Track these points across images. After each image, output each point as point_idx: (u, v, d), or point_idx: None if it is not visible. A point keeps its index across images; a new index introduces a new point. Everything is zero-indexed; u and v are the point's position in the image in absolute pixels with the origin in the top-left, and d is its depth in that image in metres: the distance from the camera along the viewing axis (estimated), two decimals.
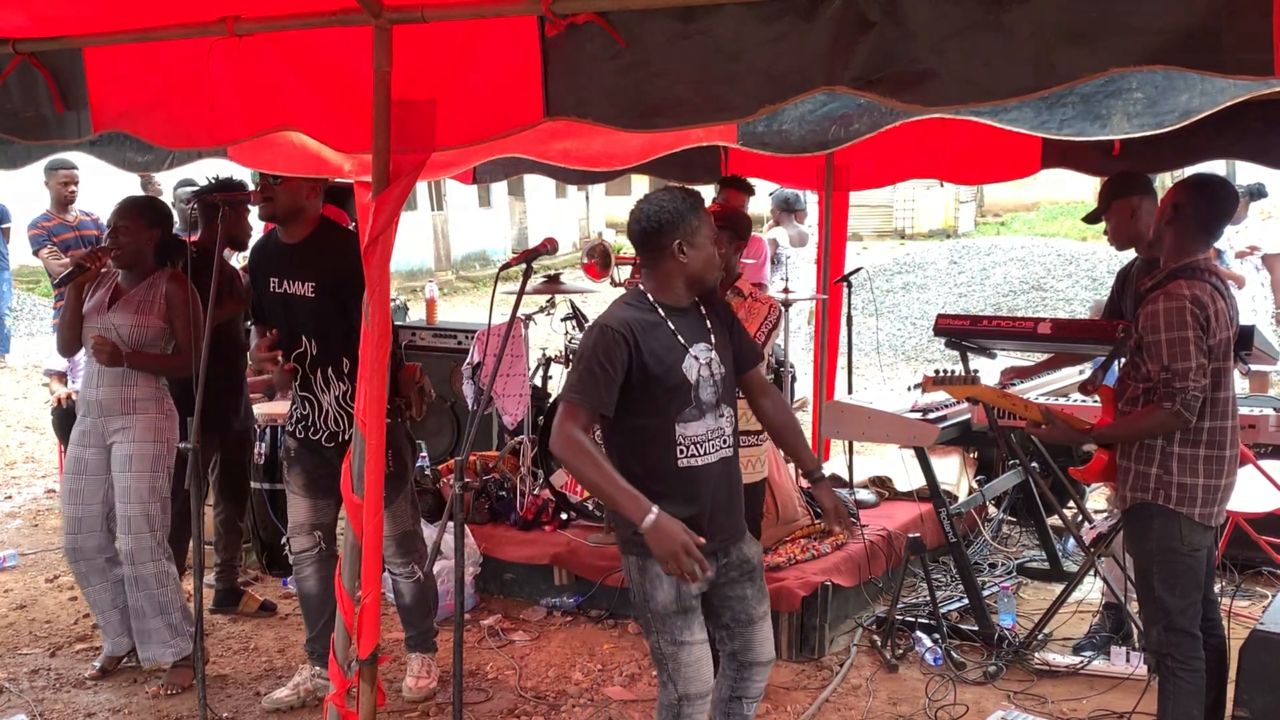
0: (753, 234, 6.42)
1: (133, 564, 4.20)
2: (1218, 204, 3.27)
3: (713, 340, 2.96)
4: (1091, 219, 4.47)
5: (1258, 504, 4.59)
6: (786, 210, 8.48)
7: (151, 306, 4.21)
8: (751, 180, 6.54)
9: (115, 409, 4.20)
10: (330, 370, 3.93)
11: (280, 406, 5.43)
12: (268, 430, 5.40)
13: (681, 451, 2.86)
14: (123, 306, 4.20)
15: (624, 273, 4.49)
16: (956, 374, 4.00)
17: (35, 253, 6.89)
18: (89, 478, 4.26)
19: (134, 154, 4.21)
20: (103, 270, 4.29)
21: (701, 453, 2.89)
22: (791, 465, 5.66)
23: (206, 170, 4.68)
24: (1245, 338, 3.40)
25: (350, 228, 4.58)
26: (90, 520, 4.27)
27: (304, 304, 3.91)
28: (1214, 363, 3.13)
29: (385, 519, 3.97)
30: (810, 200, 8.95)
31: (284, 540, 4.20)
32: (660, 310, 2.90)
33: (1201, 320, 3.08)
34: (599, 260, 4.34)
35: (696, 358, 2.89)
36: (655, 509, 2.71)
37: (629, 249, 4.84)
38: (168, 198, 11.91)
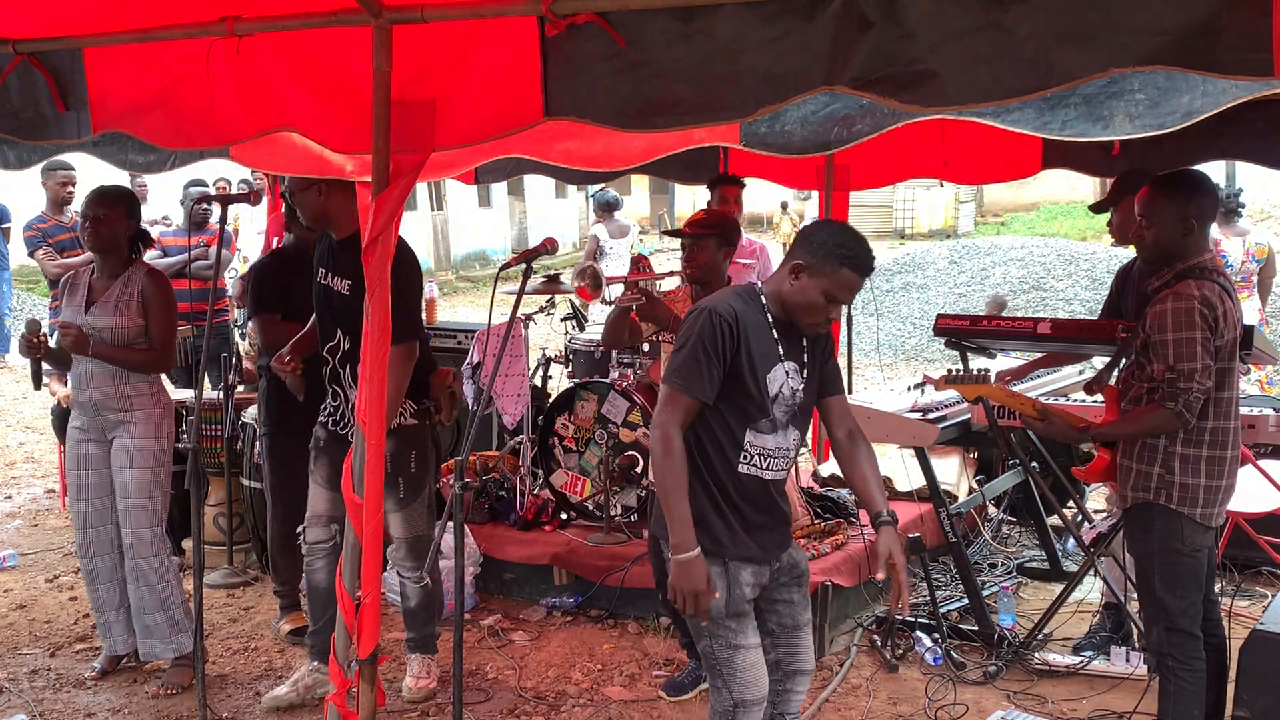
0: (749, 237, 6.44)
1: (134, 558, 4.21)
2: (1216, 199, 3.28)
3: (804, 363, 2.89)
4: (1098, 208, 4.47)
5: (1258, 504, 4.59)
6: (606, 209, 9.91)
7: (129, 306, 4.17)
8: (753, 180, 6.53)
9: (112, 406, 4.18)
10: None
11: None
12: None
13: (745, 458, 2.81)
14: (101, 307, 4.16)
15: (615, 291, 4.48)
16: (968, 373, 4.00)
17: (31, 254, 6.89)
18: (94, 471, 4.26)
19: (136, 154, 4.21)
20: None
21: (764, 465, 2.84)
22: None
23: (210, 170, 4.70)
24: (1245, 337, 3.40)
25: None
26: (101, 514, 4.28)
27: (341, 299, 3.97)
28: (1219, 363, 3.13)
29: (399, 521, 4.04)
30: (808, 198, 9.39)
31: (299, 530, 4.21)
32: (769, 315, 2.83)
33: (1210, 321, 3.08)
34: (589, 282, 4.32)
35: (786, 372, 2.83)
36: (698, 550, 2.70)
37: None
38: (163, 198, 11.95)
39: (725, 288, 2.93)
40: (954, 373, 3.94)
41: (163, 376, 4.38)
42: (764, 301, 2.85)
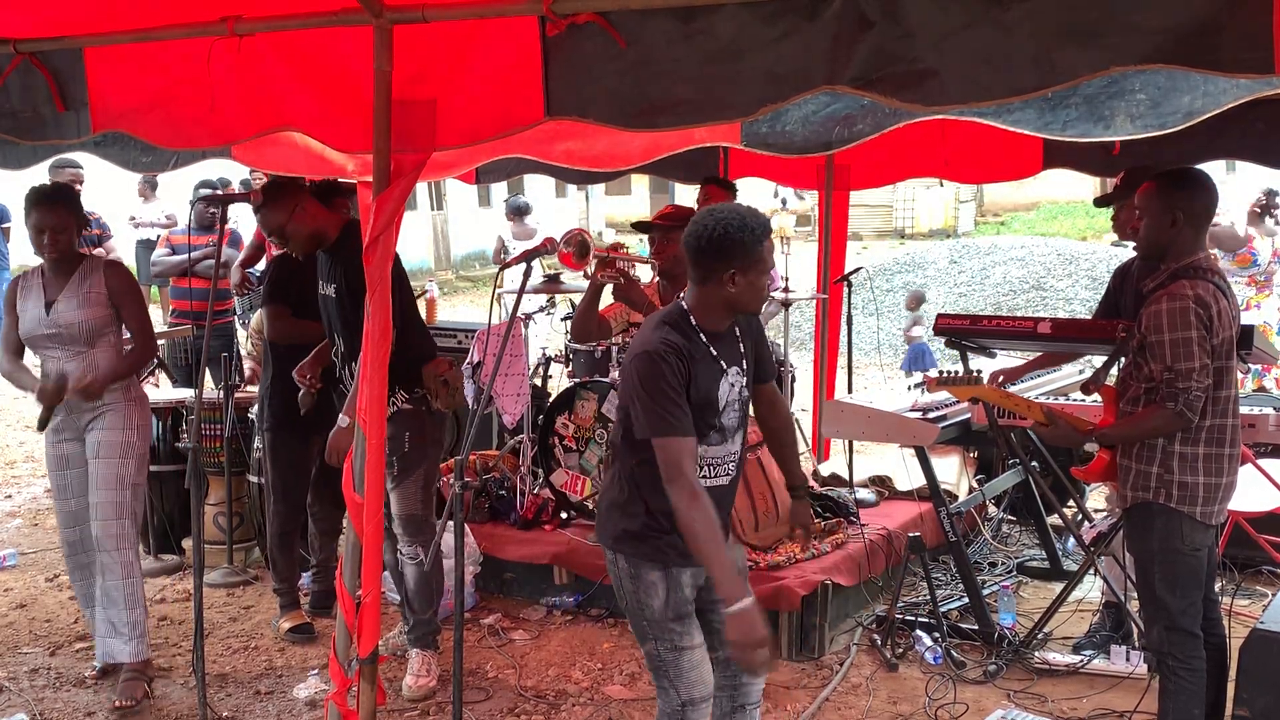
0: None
1: (99, 550, 4.13)
2: (1211, 198, 3.27)
3: (743, 364, 2.90)
4: (1102, 202, 4.47)
5: (1258, 503, 4.59)
6: (516, 214, 10.93)
7: (92, 297, 4.08)
8: (752, 180, 6.55)
9: (85, 405, 4.12)
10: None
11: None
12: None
13: (698, 471, 2.80)
14: (65, 303, 4.07)
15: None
16: (960, 374, 4.00)
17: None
18: (73, 471, 4.22)
19: (139, 154, 4.22)
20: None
21: (713, 475, 2.86)
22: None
23: (212, 170, 4.72)
24: (1245, 337, 3.40)
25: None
26: (84, 512, 4.21)
27: (331, 303, 4.13)
28: (1216, 361, 3.13)
29: (394, 498, 4.15)
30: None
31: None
32: (702, 335, 2.79)
33: (1205, 320, 3.08)
34: (575, 250, 4.29)
35: (731, 383, 2.84)
36: (750, 598, 2.60)
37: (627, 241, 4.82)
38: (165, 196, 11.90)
39: (648, 320, 2.88)
40: (946, 374, 3.94)
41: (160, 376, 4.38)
42: (693, 322, 2.79)
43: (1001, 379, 4.63)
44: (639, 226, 4.83)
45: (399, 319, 3.94)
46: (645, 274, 5.20)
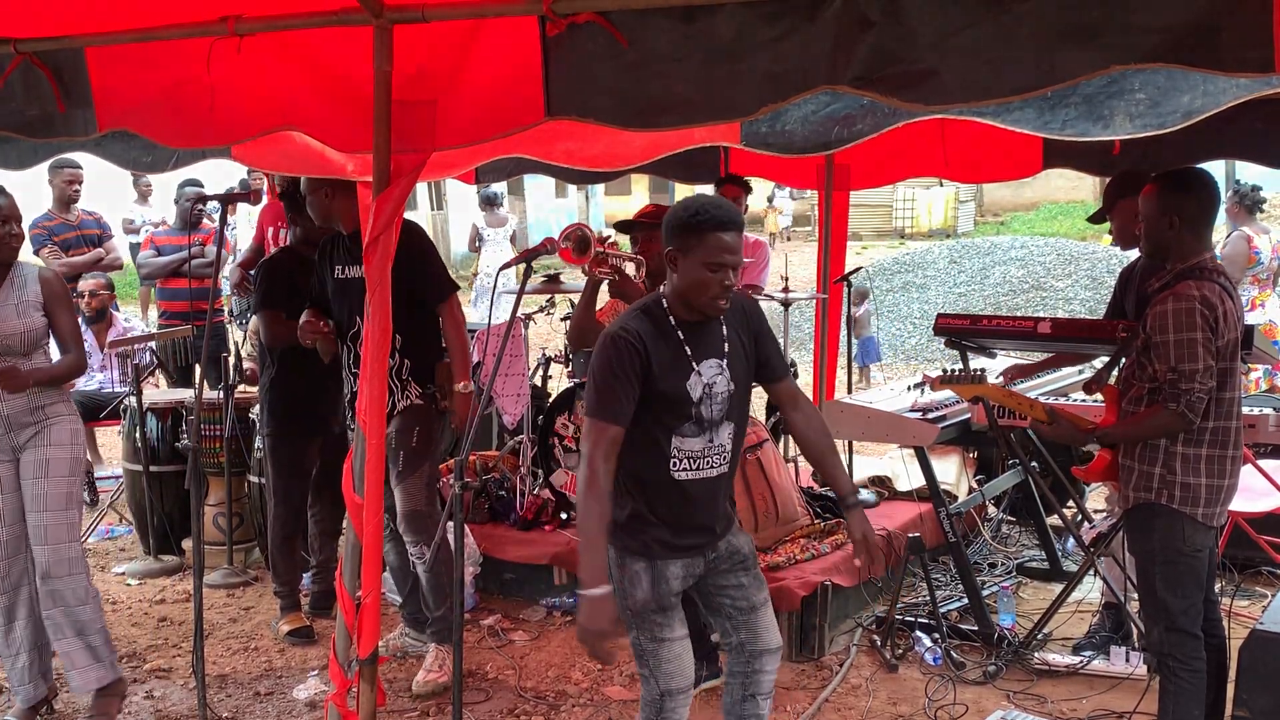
0: (748, 234, 6.43)
1: (50, 577, 3.81)
2: (1210, 198, 3.27)
3: (725, 353, 2.88)
4: (1097, 218, 4.49)
5: (1258, 504, 4.59)
6: (487, 204, 12.33)
7: (28, 307, 3.84)
8: (752, 180, 6.55)
9: (25, 420, 3.85)
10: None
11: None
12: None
13: (675, 464, 2.84)
14: (2, 310, 3.80)
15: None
16: (963, 372, 4.00)
17: (36, 252, 6.90)
18: (6, 495, 3.89)
19: (140, 153, 4.21)
20: None
21: (695, 467, 2.86)
22: (790, 466, 5.68)
23: (211, 170, 4.73)
24: (1245, 337, 3.40)
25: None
26: (14, 542, 3.90)
27: (362, 284, 3.98)
28: (1220, 363, 3.13)
29: (399, 494, 4.13)
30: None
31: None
32: (675, 326, 2.82)
33: (1210, 321, 3.08)
34: (575, 245, 4.26)
35: (701, 374, 2.82)
36: (606, 588, 2.71)
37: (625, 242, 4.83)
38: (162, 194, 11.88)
39: (631, 307, 2.92)
40: (949, 372, 3.94)
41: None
42: (667, 309, 2.84)
43: (1013, 375, 4.63)
44: (620, 227, 4.81)
45: (450, 277, 4.22)
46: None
